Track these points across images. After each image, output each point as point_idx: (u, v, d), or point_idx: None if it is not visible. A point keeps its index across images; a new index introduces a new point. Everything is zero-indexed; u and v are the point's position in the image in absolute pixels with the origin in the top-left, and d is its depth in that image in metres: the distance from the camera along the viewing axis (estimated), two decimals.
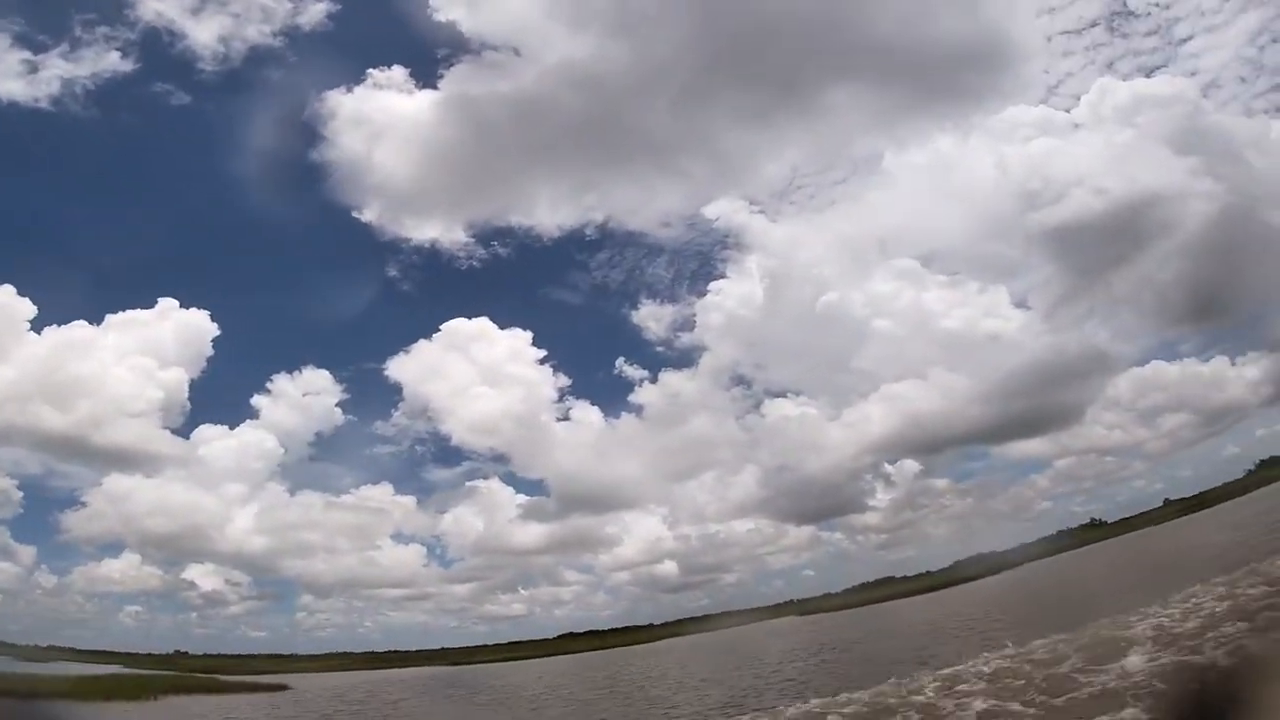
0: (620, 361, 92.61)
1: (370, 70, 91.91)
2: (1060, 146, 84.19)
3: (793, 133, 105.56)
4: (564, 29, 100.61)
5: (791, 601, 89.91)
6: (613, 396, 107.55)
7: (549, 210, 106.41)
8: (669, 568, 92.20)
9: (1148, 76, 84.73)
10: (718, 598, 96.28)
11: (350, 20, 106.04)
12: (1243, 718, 7.65)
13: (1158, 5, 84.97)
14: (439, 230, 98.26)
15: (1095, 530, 79.07)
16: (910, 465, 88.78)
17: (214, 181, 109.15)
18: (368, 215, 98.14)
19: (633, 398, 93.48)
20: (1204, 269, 78.03)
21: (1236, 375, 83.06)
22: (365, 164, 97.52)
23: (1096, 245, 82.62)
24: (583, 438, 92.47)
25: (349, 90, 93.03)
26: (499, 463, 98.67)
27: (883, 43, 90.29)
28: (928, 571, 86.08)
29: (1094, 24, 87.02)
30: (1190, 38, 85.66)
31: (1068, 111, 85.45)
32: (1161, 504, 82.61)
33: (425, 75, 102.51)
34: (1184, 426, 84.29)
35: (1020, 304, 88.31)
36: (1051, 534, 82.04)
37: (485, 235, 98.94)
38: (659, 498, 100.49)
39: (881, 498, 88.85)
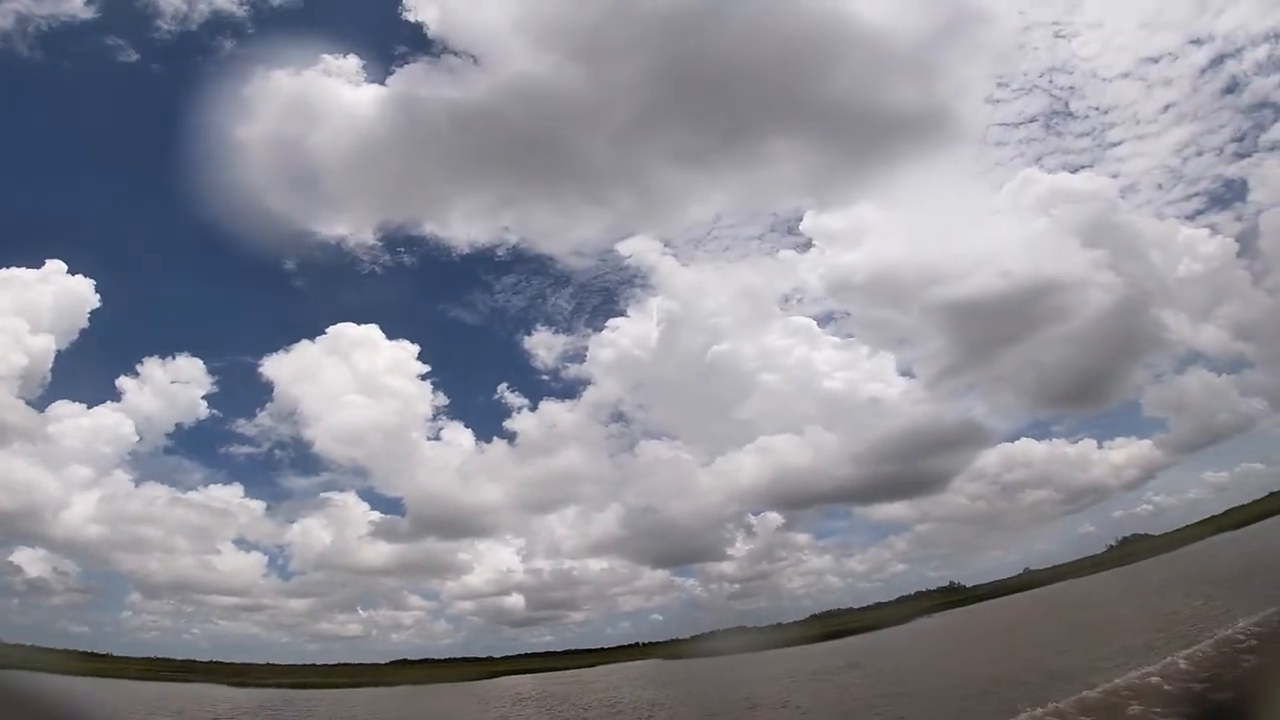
0: (503, 387, 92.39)
1: (325, 56, 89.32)
2: (975, 227, 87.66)
3: (726, 179, 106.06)
4: (529, 45, 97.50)
5: (639, 644, 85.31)
6: (488, 421, 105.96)
7: (465, 224, 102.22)
8: (516, 601, 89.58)
9: (1072, 173, 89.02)
10: (562, 635, 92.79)
11: (321, 3, 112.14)
12: None
13: (1097, 110, 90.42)
14: (349, 229, 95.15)
15: (952, 594, 78.21)
16: (773, 518, 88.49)
17: (135, 146, 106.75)
18: (280, 203, 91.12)
19: (508, 424, 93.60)
20: (1088, 356, 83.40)
21: (1101, 458, 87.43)
22: (292, 149, 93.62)
23: (990, 323, 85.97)
24: (450, 460, 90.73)
25: (297, 72, 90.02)
26: (358, 476, 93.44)
27: (834, 102, 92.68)
28: (779, 624, 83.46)
29: (1033, 120, 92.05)
30: (1120, 143, 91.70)
31: (989, 196, 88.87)
32: (1021, 572, 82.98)
33: (379, 70, 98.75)
34: (1044, 503, 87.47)
35: (906, 372, 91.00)
36: (910, 594, 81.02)
37: (395, 241, 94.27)
38: (517, 528, 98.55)
39: (740, 548, 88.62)
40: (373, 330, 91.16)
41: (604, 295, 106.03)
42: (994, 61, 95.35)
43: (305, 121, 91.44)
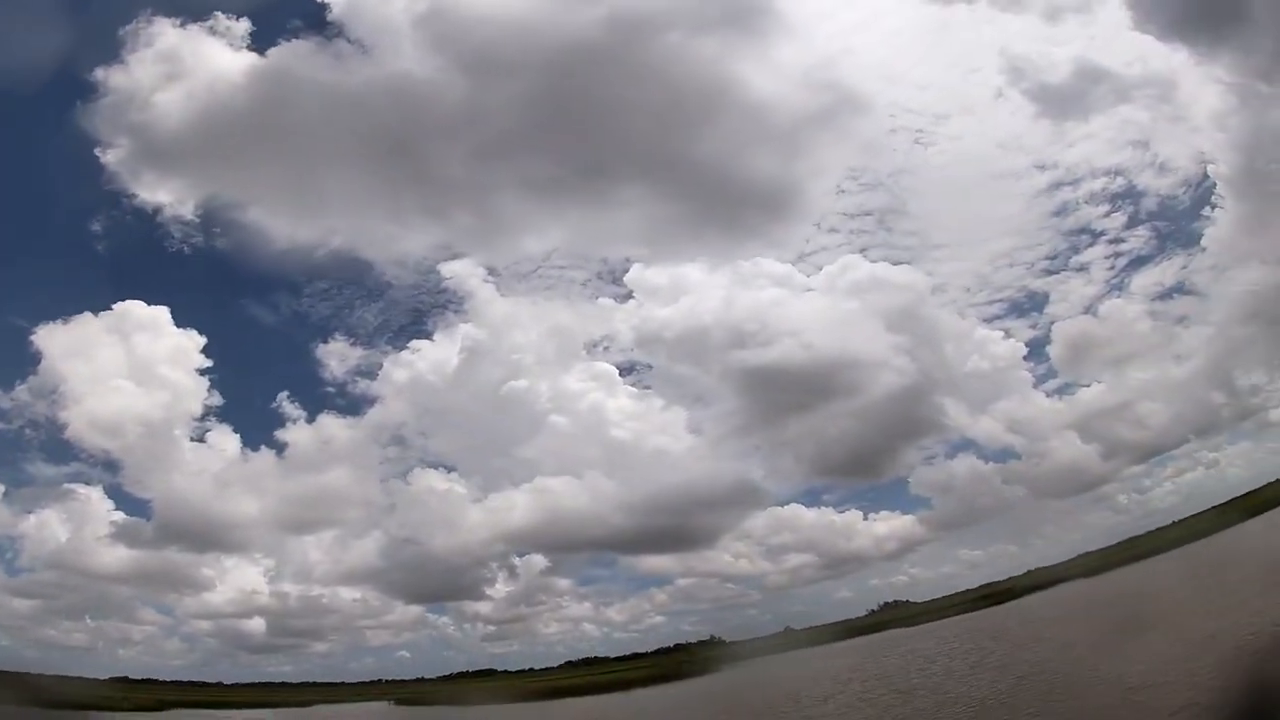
0: (283, 395, 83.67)
1: (218, 13, 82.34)
2: (788, 300, 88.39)
3: (568, 217, 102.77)
4: (422, 46, 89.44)
5: (381, 681, 77.68)
6: (260, 427, 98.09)
7: (292, 216, 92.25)
8: (257, 624, 79.40)
9: (892, 265, 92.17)
10: (302, 666, 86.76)
11: None
12: None
13: (930, 213, 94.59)
14: (172, 197, 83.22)
15: (712, 648, 76.43)
16: (538, 560, 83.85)
17: None
18: (110, 156, 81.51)
19: (281, 433, 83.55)
20: (870, 432, 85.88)
21: (866, 529, 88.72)
22: (143, 101, 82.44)
23: (785, 391, 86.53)
24: (210, 464, 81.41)
25: (182, 24, 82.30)
26: (109, 470, 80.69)
27: (696, 160, 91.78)
28: (531, 669, 78.75)
29: (869, 213, 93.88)
30: (943, 246, 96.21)
31: (808, 276, 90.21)
32: (782, 630, 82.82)
33: (265, 40, 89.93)
34: (806, 566, 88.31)
35: (695, 429, 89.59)
36: (669, 647, 79.13)
37: (214, 221, 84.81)
38: (269, 547, 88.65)
39: (500, 588, 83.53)
40: (162, 313, 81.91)
41: (414, 314, 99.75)
42: (855, 153, 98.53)
43: (167, 75, 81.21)
